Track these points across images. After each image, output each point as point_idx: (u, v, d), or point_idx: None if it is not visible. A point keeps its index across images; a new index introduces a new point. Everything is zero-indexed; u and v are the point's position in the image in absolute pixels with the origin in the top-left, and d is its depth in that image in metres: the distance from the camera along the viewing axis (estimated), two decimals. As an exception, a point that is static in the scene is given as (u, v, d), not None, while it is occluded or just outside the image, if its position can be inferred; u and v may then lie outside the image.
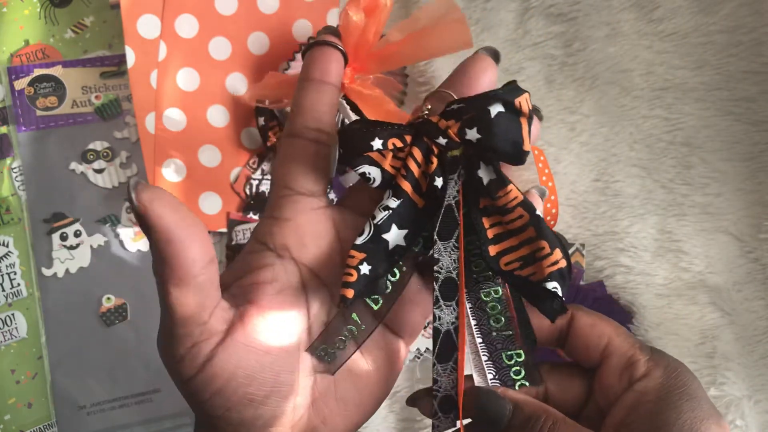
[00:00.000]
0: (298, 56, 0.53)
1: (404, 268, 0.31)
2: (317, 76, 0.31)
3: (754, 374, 0.50)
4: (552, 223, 0.52)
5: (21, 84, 0.56)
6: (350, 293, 0.29)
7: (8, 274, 0.55)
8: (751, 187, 0.52)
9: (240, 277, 0.30)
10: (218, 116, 0.55)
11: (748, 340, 0.51)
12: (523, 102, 0.29)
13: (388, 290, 0.31)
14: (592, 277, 0.53)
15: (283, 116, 0.55)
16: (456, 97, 0.31)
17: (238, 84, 0.55)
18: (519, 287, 0.30)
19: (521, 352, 0.31)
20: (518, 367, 0.31)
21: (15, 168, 0.55)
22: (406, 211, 0.30)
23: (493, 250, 0.30)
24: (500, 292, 0.31)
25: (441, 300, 0.31)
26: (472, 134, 0.29)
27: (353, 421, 0.32)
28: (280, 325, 0.29)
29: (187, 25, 0.54)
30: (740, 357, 0.51)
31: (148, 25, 0.53)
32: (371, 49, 0.48)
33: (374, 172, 0.30)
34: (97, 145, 0.56)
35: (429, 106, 0.31)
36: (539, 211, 0.30)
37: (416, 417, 0.53)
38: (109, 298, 0.55)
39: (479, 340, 0.31)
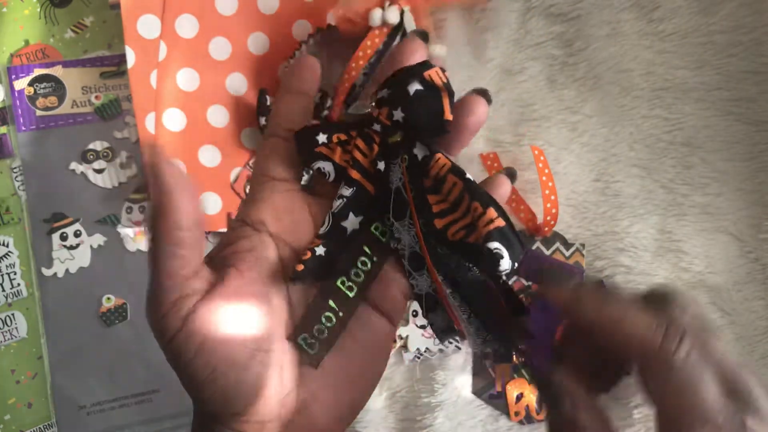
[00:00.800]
0: (297, 54, 0.53)
1: (375, 258, 0.33)
2: (294, 87, 0.34)
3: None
4: (552, 223, 0.52)
5: (21, 84, 0.55)
6: (300, 267, 0.31)
7: (8, 274, 0.55)
8: (751, 187, 0.52)
9: (220, 251, 0.32)
10: (218, 116, 0.55)
11: (749, 340, 0.51)
12: (434, 75, 0.31)
13: (360, 279, 0.32)
14: (593, 277, 0.53)
15: (283, 116, 0.55)
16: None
17: (238, 84, 0.55)
18: (467, 255, 0.31)
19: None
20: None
21: (15, 168, 0.55)
22: (360, 198, 0.32)
23: (439, 223, 0.31)
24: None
25: (413, 272, 0.32)
26: (398, 114, 0.31)
27: (347, 398, 0.33)
28: (259, 290, 0.31)
29: (187, 25, 0.54)
30: (740, 357, 0.51)
31: (148, 25, 0.53)
32: None
33: (327, 167, 0.32)
34: (97, 145, 0.56)
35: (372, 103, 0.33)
36: (470, 176, 0.31)
37: (416, 417, 0.53)
38: (109, 298, 0.55)
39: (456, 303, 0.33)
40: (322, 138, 0.32)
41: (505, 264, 0.29)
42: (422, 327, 0.54)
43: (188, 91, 0.54)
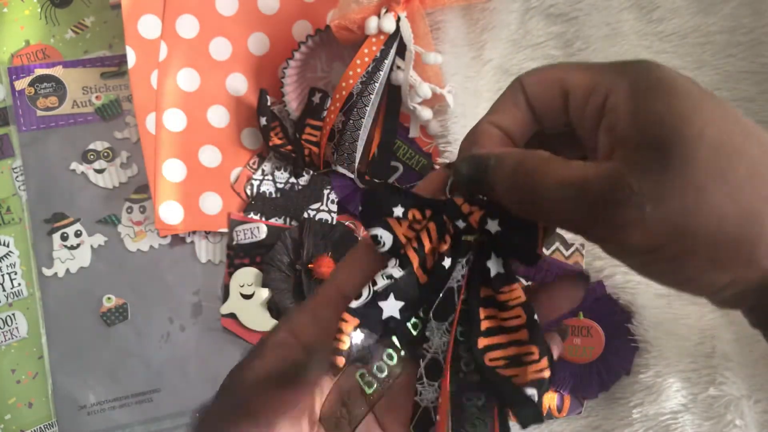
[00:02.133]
0: (297, 54, 0.53)
1: (402, 353, 0.30)
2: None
3: (753, 374, 0.51)
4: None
5: (21, 84, 0.56)
6: (341, 362, 0.29)
7: (9, 274, 0.55)
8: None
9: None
10: (218, 116, 0.55)
11: (748, 339, 0.51)
12: None
13: (384, 374, 0.31)
14: (592, 277, 0.53)
15: (283, 117, 0.55)
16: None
17: (238, 84, 0.55)
18: (497, 385, 0.29)
19: None
20: None
21: (15, 168, 0.56)
22: (407, 284, 0.30)
23: (482, 342, 0.29)
24: (482, 400, 0.30)
25: (425, 378, 0.30)
26: (493, 226, 0.29)
27: None
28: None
29: (187, 26, 0.54)
30: (739, 357, 0.51)
31: (148, 26, 0.53)
32: None
33: (386, 237, 0.30)
34: (98, 146, 0.56)
35: (454, 191, 0.30)
36: (537, 317, 0.29)
37: (416, 417, 0.53)
38: (109, 298, 0.55)
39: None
40: (398, 211, 0.30)
41: (536, 410, 0.28)
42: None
43: (188, 91, 0.54)
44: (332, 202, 0.55)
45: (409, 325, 0.31)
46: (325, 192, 0.55)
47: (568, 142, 0.30)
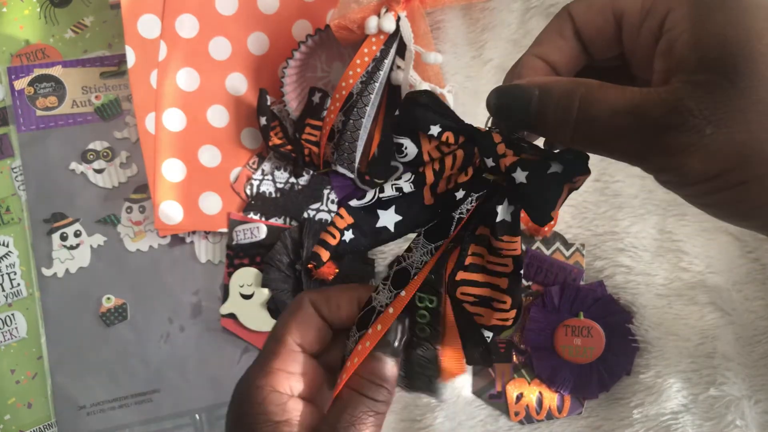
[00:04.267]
0: (297, 54, 0.53)
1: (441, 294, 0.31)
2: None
3: (754, 374, 0.51)
4: (552, 223, 0.52)
5: (21, 84, 0.55)
6: (326, 255, 0.29)
7: (8, 274, 0.55)
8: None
9: None
10: (218, 116, 0.55)
11: (748, 340, 0.51)
12: (580, 181, 0.28)
13: (426, 319, 0.31)
14: (593, 277, 0.53)
15: (283, 116, 0.55)
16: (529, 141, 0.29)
17: (237, 84, 0.55)
18: (459, 318, 0.29)
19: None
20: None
21: (15, 168, 0.55)
22: (412, 201, 0.30)
23: (461, 275, 0.29)
24: (435, 302, 0.31)
25: (390, 282, 0.31)
26: (519, 176, 0.27)
27: None
28: None
29: (187, 25, 0.54)
30: (740, 357, 0.51)
31: (148, 25, 0.53)
32: None
33: (411, 149, 0.29)
34: (97, 145, 0.56)
35: (491, 125, 0.30)
36: (522, 272, 0.29)
37: (416, 417, 0.53)
38: (109, 298, 0.55)
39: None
40: (434, 130, 0.28)
41: (478, 354, 0.29)
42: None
43: (188, 91, 0.54)
44: (332, 202, 0.55)
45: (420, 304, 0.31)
46: (325, 192, 0.55)
47: (618, 77, 0.27)
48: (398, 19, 0.50)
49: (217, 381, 0.54)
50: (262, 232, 0.54)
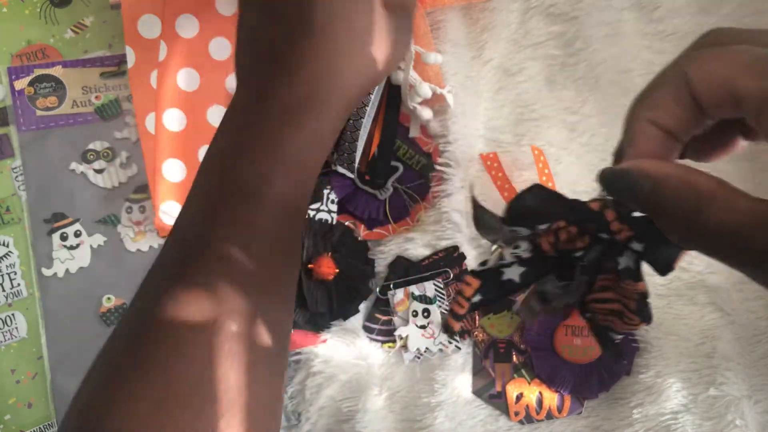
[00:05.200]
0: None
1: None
2: None
3: (753, 374, 0.51)
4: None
5: (21, 84, 0.56)
6: (457, 327, 0.30)
7: (8, 274, 0.55)
8: (750, 188, 0.52)
9: None
10: (218, 116, 0.55)
11: (748, 340, 0.51)
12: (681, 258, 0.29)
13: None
14: (592, 277, 0.53)
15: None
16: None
17: (238, 84, 0.55)
18: (597, 325, 0.32)
19: None
20: None
21: (15, 168, 0.55)
22: (534, 258, 0.30)
23: (591, 297, 0.31)
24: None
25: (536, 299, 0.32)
26: (636, 246, 0.28)
27: None
28: None
29: (187, 25, 0.54)
30: (740, 357, 0.51)
31: (148, 25, 0.53)
32: None
33: (524, 230, 0.30)
34: (97, 146, 0.56)
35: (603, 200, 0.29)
36: (650, 302, 0.30)
37: (416, 417, 0.53)
38: (109, 298, 0.55)
39: None
40: (543, 227, 0.29)
41: (611, 350, 0.33)
42: (422, 327, 0.54)
43: (188, 91, 0.54)
44: (332, 202, 0.55)
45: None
46: (325, 192, 0.55)
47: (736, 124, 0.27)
48: None
49: None
50: (262, 232, 0.54)
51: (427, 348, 0.54)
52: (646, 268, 0.29)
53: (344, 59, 0.36)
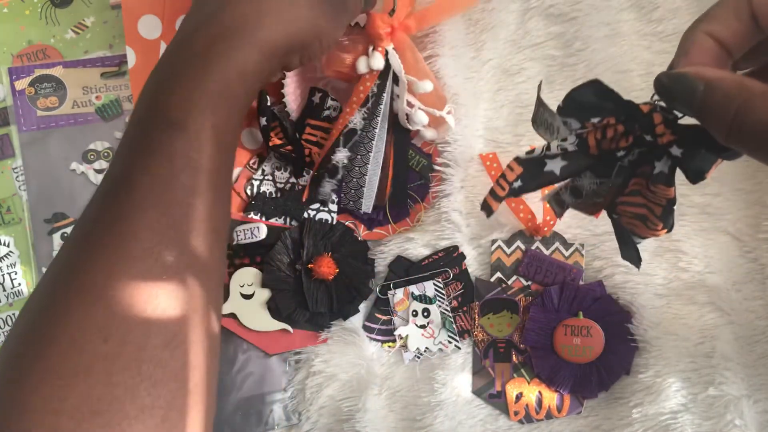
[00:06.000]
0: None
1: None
2: None
3: (753, 374, 0.51)
4: (551, 222, 0.52)
5: (22, 84, 0.56)
6: (496, 206, 0.33)
7: (9, 273, 0.55)
8: (750, 187, 0.52)
9: None
10: (219, 116, 0.55)
11: (747, 339, 0.51)
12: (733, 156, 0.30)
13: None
14: (592, 276, 0.53)
15: (283, 117, 0.55)
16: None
17: (238, 84, 0.55)
18: (619, 225, 0.35)
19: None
20: None
21: (16, 168, 0.56)
22: (577, 153, 0.33)
23: (621, 199, 0.33)
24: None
25: (568, 190, 0.35)
26: (676, 151, 0.30)
27: None
28: None
29: (187, 26, 0.54)
30: (739, 357, 0.51)
31: (149, 26, 0.53)
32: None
33: (574, 125, 0.32)
34: (98, 146, 0.56)
35: (656, 99, 0.31)
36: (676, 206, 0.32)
37: (416, 416, 0.53)
38: (109, 298, 0.55)
39: None
40: (595, 119, 0.32)
41: (632, 254, 0.35)
42: (422, 327, 0.54)
43: (189, 91, 0.54)
44: (332, 202, 0.55)
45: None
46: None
47: None
48: (387, 54, 0.50)
49: (216, 381, 0.54)
50: (262, 232, 0.54)
51: (426, 348, 0.54)
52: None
53: (269, 7, 0.39)
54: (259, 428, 0.54)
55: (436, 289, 0.54)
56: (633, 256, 0.35)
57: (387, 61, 0.51)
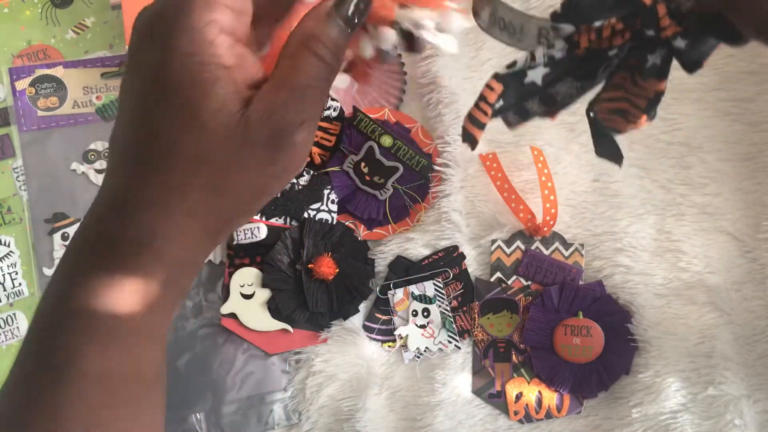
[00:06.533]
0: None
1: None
2: None
3: (752, 374, 0.51)
4: (551, 223, 0.52)
5: (22, 84, 0.56)
6: (479, 134, 0.29)
7: (10, 273, 0.55)
8: (749, 187, 0.52)
9: None
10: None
11: (747, 339, 0.51)
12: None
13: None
14: (591, 276, 0.53)
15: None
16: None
17: (238, 84, 0.55)
18: (595, 121, 0.31)
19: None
20: None
21: (16, 168, 0.56)
22: (561, 60, 0.30)
23: (601, 95, 0.30)
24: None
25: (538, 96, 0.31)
26: (679, 43, 0.28)
27: None
28: None
29: (187, 26, 0.54)
30: (739, 356, 0.51)
31: (149, 26, 0.54)
32: None
33: (566, 29, 0.29)
34: (98, 146, 0.56)
35: None
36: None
37: (416, 416, 0.53)
38: (110, 298, 0.55)
39: None
40: (597, 23, 0.29)
41: (609, 149, 0.31)
42: (422, 327, 0.54)
43: (189, 91, 0.54)
44: (332, 202, 0.55)
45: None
46: (325, 192, 0.55)
47: None
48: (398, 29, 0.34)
49: (216, 381, 0.54)
50: (262, 232, 0.54)
51: (426, 347, 0.54)
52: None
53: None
54: (259, 428, 0.54)
55: (436, 289, 0.54)
56: (612, 152, 0.32)
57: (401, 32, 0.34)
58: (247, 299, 0.54)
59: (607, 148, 0.32)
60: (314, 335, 0.54)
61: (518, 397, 0.53)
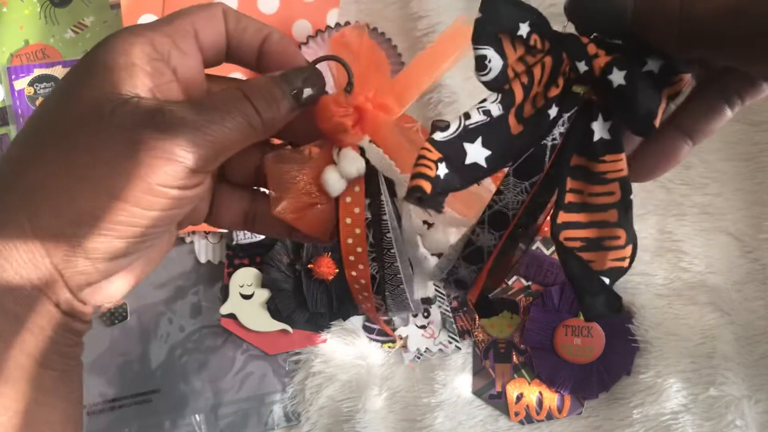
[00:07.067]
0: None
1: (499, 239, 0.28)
2: None
3: (753, 374, 0.51)
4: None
5: (21, 84, 0.55)
6: (429, 187, 0.24)
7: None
8: (750, 187, 0.52)
9: None
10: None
11: (748, 339, 0.51)
12: (680, 84, 0.25)
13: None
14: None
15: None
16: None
17: (238, 84, 0.55)
18: (569, 269, 0.25)
19: None
20: None
21: (15, 168, 0.55)
22: (498, 133, 0.25)
23: (561, 217, 0.26)
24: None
25: (486, 224, 0.27)
26: (617, 77, 0.24)
27: None
28: None
29: (187, 25, 0.54)
30: (740, 357, 0.51)
31: (148, 25, 0.53)
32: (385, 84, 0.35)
33: (495, 62, 0.25)
34: (97, 145, 0.56)
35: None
36: (632, 198, 0.25)
37: (416, 417, 0.53)
38: (109, 298, 0.55)
39: None
40: (523, 29, 0.25)
41: (600, 305, 0.25)
42: (422, 327, 0.54)
43: (188, 91, 0.54)
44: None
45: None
46: (325, 192, 0.55)
47: None
48: (362, 152, 0.32)
49: (216, 381, 0.54)
50: (262, 232, 0.54)
51: (427, 348, 0.54)
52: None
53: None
54: (259, 429, 0.54)
55: (436, 290, 0.54)
56: (604, 305, 0.25)
57: (366, 162, 0.32)
58: (247, 299, 0.54)
59: (597, 300, 0.25)
60: (314, 336, 0.54)
61: (519, 397, 0.53)
